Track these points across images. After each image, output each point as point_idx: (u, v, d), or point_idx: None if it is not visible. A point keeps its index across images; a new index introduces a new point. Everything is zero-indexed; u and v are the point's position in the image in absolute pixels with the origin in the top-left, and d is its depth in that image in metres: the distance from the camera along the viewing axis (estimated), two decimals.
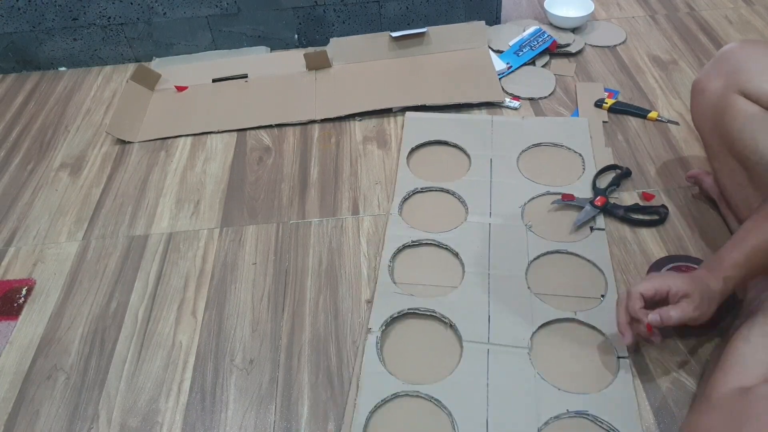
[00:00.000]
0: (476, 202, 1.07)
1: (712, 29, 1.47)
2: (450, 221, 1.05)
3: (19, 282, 1.03)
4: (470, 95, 1.29)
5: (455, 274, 0.96)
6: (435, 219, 1.05)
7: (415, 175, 1.14)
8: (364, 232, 1.05)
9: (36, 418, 0.84)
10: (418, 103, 1.29)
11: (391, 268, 0.98)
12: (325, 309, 0.94)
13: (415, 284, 0.95)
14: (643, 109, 1.24)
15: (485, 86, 1.32)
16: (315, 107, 1.32)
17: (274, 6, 1.45)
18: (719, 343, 0.84)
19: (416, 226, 1.04)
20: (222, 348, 0.91)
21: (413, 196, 1.10)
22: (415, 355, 0.87)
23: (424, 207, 1.09)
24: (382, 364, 0.85)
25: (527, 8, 1.60)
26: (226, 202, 1.14)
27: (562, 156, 1.16)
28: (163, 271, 1.03)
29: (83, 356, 0.92)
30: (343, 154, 1.21)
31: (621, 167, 1.11)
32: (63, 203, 1.18)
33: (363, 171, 1.17)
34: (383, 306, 0.92)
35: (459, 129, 1.22)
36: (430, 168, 1.16)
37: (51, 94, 1.47)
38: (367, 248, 1.02)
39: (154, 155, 1.26)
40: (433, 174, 1.14)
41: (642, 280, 0.79)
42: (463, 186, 1.10)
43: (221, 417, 0.83)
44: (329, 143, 1.24)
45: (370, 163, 1.19)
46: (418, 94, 1.31)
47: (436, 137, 1.21)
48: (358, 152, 1.21)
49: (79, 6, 1.43)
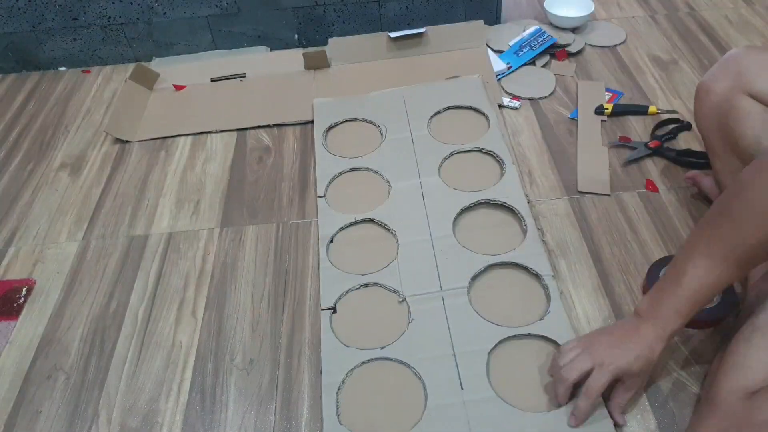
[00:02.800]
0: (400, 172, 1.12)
1: (712, 29, 1.47)
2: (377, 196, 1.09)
3: (19, 282, 1.03)
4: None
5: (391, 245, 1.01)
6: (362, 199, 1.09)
7: (334, 154, 1.18)
8: None
9: (36, 418, 0.85)
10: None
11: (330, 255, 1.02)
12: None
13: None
14: (642, 106, 1.24)
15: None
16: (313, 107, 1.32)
17: (274, 6, 1.45)
18: (721, 345, 0.84)
19: (347, 210, 1.07)
20: (222, 348, 0.91)
21: (338, 178, 1.14)
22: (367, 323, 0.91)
23: (351, 188, 1.13)
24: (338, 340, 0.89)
25: (527, 8, 1.60)
26: (226, 202, 1.14)
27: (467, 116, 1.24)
28: (163, 271, 1.03)
29: (83, 356, 0.92)
30: None
31: (681, 120, 1.19)
32: (63, 203, 1.18)
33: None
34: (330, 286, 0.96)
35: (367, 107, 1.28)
36: (347, 145, 1.21)
37: (51, 94, 1.47)
38: None
39: (154, 155, 1.26)
40: (350, 149, 1.19)
41: (568, 359, 0.75)
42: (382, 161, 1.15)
43: (221, 417, 0.83)
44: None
45: None
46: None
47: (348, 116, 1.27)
48: None
49: (79, 6, 1.43)
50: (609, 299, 0.92)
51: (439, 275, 0.94)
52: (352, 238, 1.03)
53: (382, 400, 0.81)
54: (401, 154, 1.16)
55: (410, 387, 0.82)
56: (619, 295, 0.92)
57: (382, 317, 0.91)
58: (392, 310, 0.91)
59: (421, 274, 0.95)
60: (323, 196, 1.10)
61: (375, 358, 0.85)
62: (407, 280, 0.94)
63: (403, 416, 0.79)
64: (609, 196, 1.08)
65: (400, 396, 0.81)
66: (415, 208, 1.05)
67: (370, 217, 1.05)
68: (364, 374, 0.84)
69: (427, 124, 1.22)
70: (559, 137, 1.20)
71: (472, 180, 1.09)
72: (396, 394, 0.82)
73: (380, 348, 0.86)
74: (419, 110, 1.25)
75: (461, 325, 0.87)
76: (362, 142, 1.21)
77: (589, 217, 1.04)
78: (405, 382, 0.83)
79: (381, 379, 0.83)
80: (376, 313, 0.91)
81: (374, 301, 0.93)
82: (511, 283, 0.94)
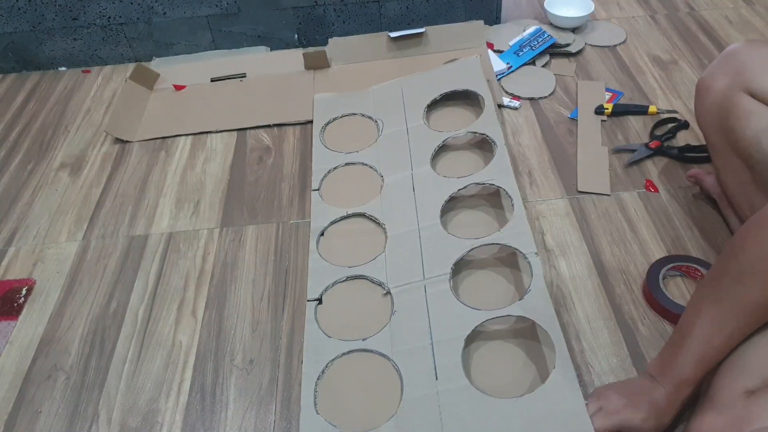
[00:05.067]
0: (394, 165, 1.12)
1: (712, 29, 1.47)
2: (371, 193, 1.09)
3: (19, 282, 1.03)
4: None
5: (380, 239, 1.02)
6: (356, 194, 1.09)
7: (331, 149, 1.19)
8: None
9: (36, 418, 0.85)
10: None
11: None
12: None
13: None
14: (642, 106, 1.24)
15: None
16: (313, 107, 1.32)
17: (274, 6, 1.45)
18: None
19: (339, 204, 1.08)
20: (222, 348, 0.91)
21: (332, 172, 1.14)
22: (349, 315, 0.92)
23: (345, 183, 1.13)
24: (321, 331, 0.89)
25: (527, 8, 1.60)
26: (226, 202, 1.14)
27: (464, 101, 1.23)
28: (163, 271, 1.03)
29: (83, 356, 0.92)
30: None
31: (679, 119, 1.20)
32: (63, 203, 1.18)
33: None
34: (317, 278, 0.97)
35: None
36: (343, 140, 1.21)
37: (51, 94, 1.47)
38: None
39: (154, 155, 1.26)
40: (347, 144, 1.19)
41: (597, 414, 0.73)
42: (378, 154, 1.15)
43: (221, 417, 0.83)
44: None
45: None
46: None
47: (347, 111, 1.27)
48: None
49: (79, 6, 1.43)
50: (609, 299, 0.92)
51: (423, 264, 0.94)
52: (342, 231, 1.04)
53: (361, 392, 0.82)
54: (396, 147, 1.16)
55: (388, 379, 0.82)
56: (619, 295, 0.92)
57: (366, 309, 0.91)
58: (376, 302, 0.92)
59: (406, 264, 0.95)
60: (317, 190, 1.11)
61: (356, 349, 0.86)
62: (392, 272, 0.94)
63: (379, 408, 0.80)
64: (609, 196, 1.08)
65: (379, 388, 0.82)
66: (405, 200, 1.05)
67: (362, 211, 1.05)
68: (344, 365, 0.85)
69: (424, 113, 1.21)
70: (559, 137, 1.20)
71: (462, 165, 1.09)
72: (374, 386, 0.82)
73: (362, 340, 0.87)
74: (416, 100, 1.24)
75: (441, 313, 0.87)
76: (359, 136, 1.21)
77: (589, 217, 1.04)
78: (384, 374, 0.83)
79: (360, 370, 0.84)
80: (361, 305, 0.92)
81: (360, 293, 0.94)
82: (494, 264, 0.93)
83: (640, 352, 0.84)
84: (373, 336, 0.87)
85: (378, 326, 0.88)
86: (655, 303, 0.88)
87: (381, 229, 1.02)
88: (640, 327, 0.87)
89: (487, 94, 1.20)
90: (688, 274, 0.93)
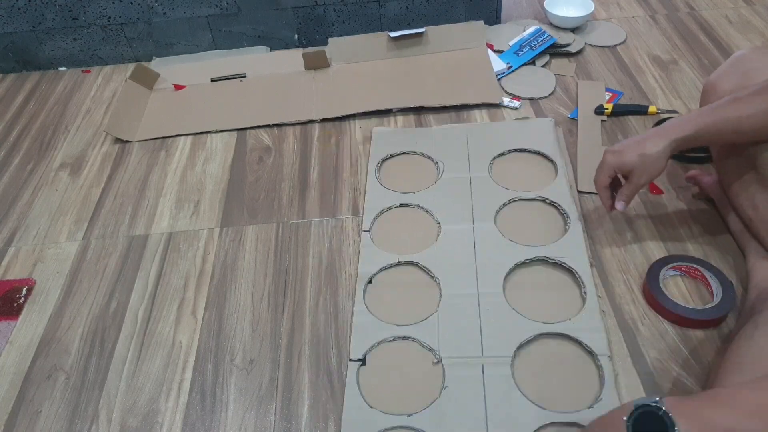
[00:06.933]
0: (453, 214, 1.04)
1: (712, 29, 1.47)
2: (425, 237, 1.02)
3: (19, 282, 1.03)
4: (469, 96, 1.29)
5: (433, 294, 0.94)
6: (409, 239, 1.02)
7: (386, 187, 1.11)
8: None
9: (36, 418, 0.85)
10: (416, 105, 1.29)
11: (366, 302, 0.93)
12: (325, 309, 0.94)
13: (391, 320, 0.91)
14: (642, 106, 1.24)
15: (484, 86, 1.32)
16: (313, 107, 1.32)
17: (274, 6, 1.45)
18: (720, 344, 0.84)
19: (390, 249, 1.00)
20: (222, 348, 0.91)
21: (386, 212, 1.07)
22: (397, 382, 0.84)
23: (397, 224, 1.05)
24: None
25: (527, 8, 1.60)
26: (226, 202, 1.14)
27: (533, 161, 1.14)
28: (163, 271, 1.03)
29: (83, 356, 0.92)
30: (343, 154, 1.21)
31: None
32: (63, 203, 1.18)
33: (363, 171, 1.17)
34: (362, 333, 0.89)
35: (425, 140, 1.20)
36: (400, 179, 1.13)
37: (51, 94, 1.47)
38: None
39: (154, 155, 1.26)
40: (403, 184, 1.11)
41: (609, 156, 0.89)
42: (434, 200, 1.07)
43: (221, 417, 0.83)
44: (329, 143, 1.24)
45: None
46: (416, 94, 1.31)
47: (405, 149, 1.18)
48: (358, 152, 1.21)
49: (79, 6, 1.43)
50: (609, 299, 0.92)
51: (482, 338, 0.85)
52: (392, 280, 0.95)
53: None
54: (456, 194, 1.07)
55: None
56: (619, 295, 0.92)
57: (413, 378, 0.83)
58: (426, 371, 0.83)
59: (461, 334, 0.86)
60: (368, 231, 1.03)
61: (400, 426, 0.78)
62: (445, 339, 0.86)
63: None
64: None
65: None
66: (464, 256, 0.96)
67: (415, 260, 0.97)
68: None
69: (489, 165, 1.12)
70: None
71: (530, 232, 0.99)
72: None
73: (407, 415, 0.78)
74: (482, 150, 1.15)
75: (499, 402, 0.78)
76: (417, 177, 1.12)
77: (589, 217, 1.04)
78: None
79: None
80: (408, 373, 0.83)
81: (407, 357, 0.85)
82: (562, 358, 0.83)
83: (640, 352, 0.85)
84: (419, 412, 0.78)
85: (426, 401, 0.80)
86: (655, 303, 0.88)
87: (435, 282, 0.94)
88: (640, 327, 0.87)
89: (560, 159, 1.12)
90: (688, 274, 0.93)
